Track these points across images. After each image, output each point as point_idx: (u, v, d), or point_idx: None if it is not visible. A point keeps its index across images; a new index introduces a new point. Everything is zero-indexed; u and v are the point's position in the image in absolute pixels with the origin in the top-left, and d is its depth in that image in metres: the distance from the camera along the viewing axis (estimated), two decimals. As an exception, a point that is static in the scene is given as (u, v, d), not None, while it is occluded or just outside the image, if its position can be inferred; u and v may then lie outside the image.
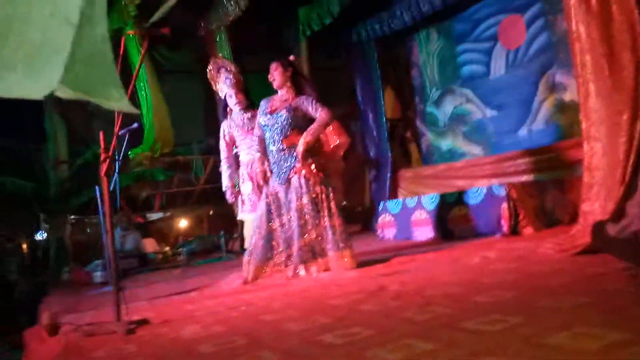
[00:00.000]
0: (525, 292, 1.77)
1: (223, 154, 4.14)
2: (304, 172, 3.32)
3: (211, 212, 8.14)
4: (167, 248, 6.90)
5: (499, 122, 6.17)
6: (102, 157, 2.39)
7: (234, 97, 4.14)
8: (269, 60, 3.64)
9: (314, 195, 3.31)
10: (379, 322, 1.72)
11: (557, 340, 1.18)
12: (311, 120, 3.40)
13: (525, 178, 5.13)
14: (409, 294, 2.14)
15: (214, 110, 7.46)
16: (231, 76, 4.19)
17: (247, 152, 4.05)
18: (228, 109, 4.23)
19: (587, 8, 2.50)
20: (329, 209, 3.32)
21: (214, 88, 4.35)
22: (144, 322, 2.37)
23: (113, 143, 2.55)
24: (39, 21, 1.47)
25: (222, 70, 4.25)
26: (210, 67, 4.34)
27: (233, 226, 7.10)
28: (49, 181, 7.15)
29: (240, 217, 4.18)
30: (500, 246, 3.29)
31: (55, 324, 2.45)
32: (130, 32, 6.25)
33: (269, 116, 3.48)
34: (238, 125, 4.13)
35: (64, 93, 1.59)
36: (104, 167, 2.46)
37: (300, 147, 3.30)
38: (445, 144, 6.99)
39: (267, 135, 3.49)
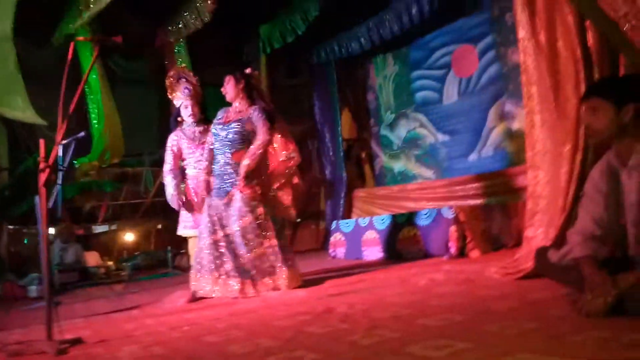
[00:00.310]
0: (472, 316, 1.78)
1: (168, 165, 3.98)
2: (246, 192, 3.31)
3: (159, 227, 7.91)
4: (111, 262, 6.62)
5: (450, 147, 6.33)
6: (42, 166, 2.26)
7: (189, 108, 4.04)
8: (229, 74, 3.63)
9: (257, 215, 3.31)
10: (325, 345, 1.68)
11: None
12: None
13: (473, 202, 5.26)
14: (356, 315, 2.11)
15: (168, 122, 7.29)
16: (190, 87, 4.10)
17: (195, 167, 3.95)
18: (179, 119, 4.14)
19: (536, 43, 2.60)
20: (272, 229, 3.33)
21: (169, 96, 4.24)
22: (77, 341, 2.22)
23: (54, 151, 2.42)
24: None
25: (182, 80, 4.14)
26: (171, 74, 4.24)
27: (181, 242, 6.91)
28: (-14, 188, 6.74)
29: (181, 232, 4.04)
30: (448, 268, 3.34)
31: (-21, 342, 2.27)
32: (81, 38, 6.05)
33: (221, 126, 3.49)
34: (188, 138, 4.03)
35: None
36: (42, 177, 2.33)
37: (241, 171, 3.31)
38: (398, 166, 7.10)
39: (217, 145, 3.48)
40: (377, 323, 1.89)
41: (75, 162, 6.73)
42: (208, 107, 7.91)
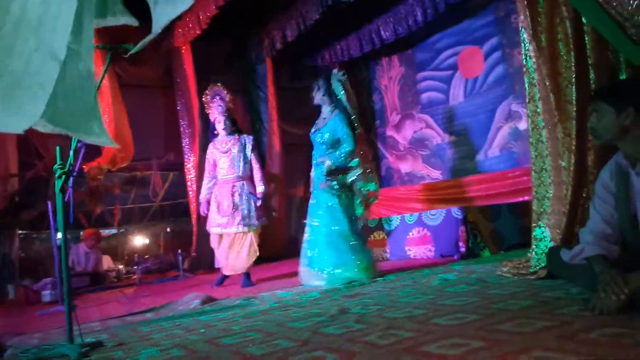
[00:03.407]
0: (485, 315, 1.81)
1: (207, 172, 4.63)
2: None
3: (168, 230, 7.96)
4: (121, 266, 6.68)
5: (457, 147, 6.36)
6: (59, 173, 2.31)
7: (222, 122, 4.58)
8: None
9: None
10: (342, 346, 1.71)
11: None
12: None
13: (481, 202, 5.29)
14: (371, 316, 2.15)
15: (176, 126, 7.36)
16: (223, 104, 4.63)
17: (221, 174, 4.55)
18: (215, 132, 4.67)
19: (537, 45, 2.63)
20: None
21: (207, 111, 4.77)
22: (98, 344, 2.27)
23: (69, 157, 2.47)
24: (22, 53, 1.43)
25: (217, 97, 4.69)
26: (207, 92, 4.77)
27: (190, 244, 6.96)
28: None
29: (211, 230, 4.53)
30: (459, 268, 3.36)
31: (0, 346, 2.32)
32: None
33: (313, 133, 3.89)
34: (219, 148, 4.58)
35: (45, 128, 1.56)
36: (60, 183, 2.37)
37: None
38: (405, 167, 7.13)
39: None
40: (392, 323, 1.92)
41: (84, 166, 6.79)
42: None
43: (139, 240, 7.79)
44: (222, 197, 4.42)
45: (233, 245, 4.38)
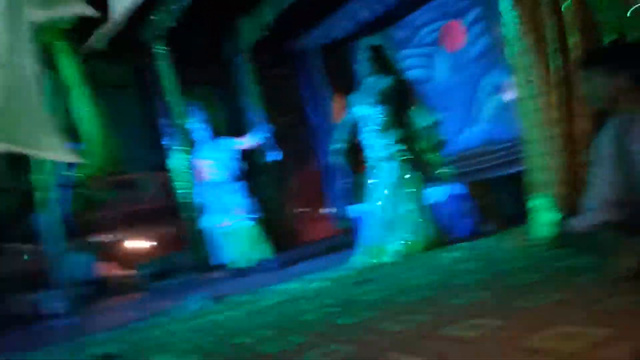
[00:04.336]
0: (500, 291, 1.80)
1: (198, 173, 4.97)
2: None
3: (166, 231, 7.88)
4: (125, 272, 6.61)
5: (445, 123, 6.32)
6: (55, 185, 2.25)
7: (207, 127, 4.96)
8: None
9: None
10: (358, 336, 1.70)
11: (545, 344, 1.18)
12: None
13: (478, 177, 5.28)
14: (383, 302, 2.13)
15: (156, 125, 7.23)
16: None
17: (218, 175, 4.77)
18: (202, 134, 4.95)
19: (523, 11, 2.59)
20: None
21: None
22: (108, 357, 2.23)
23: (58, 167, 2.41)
24: None
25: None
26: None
27: (189, 244, 6.90)
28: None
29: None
30: (465, 245, 3.36)
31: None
32: (60, 42, 5.88)
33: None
34: (212, 151, 4.89)
35: None
36: (47, 195, 2.31)
37: None
38: (395, 147, 7.10)
39: None
40: (406, 308, 1.91)
41: (73, 174, 6.67)
42: (193, 104, 7.86)
43: (139, 244, 7.70)
44: (223, 196, 4.53)
45: (242, 239, 4.62)
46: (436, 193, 4.52)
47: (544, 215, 2.56)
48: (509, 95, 5.46)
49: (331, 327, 1.92)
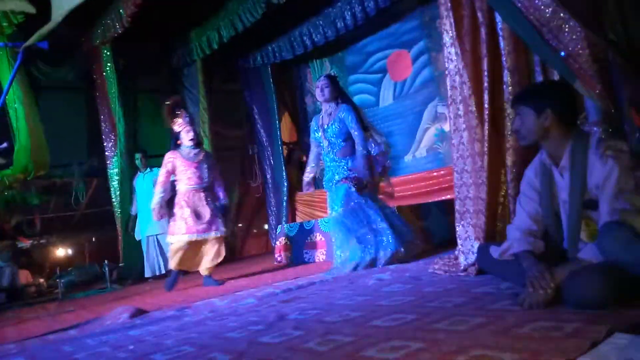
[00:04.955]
0: (422, 314, 1.83)
1: (160, 177, 4.58)
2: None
3: (93, 239, 7.54)
4: (42, 280, 6.23)
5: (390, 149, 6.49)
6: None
7: (191, 133, 4.63)
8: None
9: None
10: (281, 355, 1.67)
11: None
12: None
13: (410, 201, 5.43)
14: (309, 321, 2.11)
15: (98, 130, 6.98)
16: (188, 115, 4.71)
17: (186, 183, 4.54)
18: (178, 142, 4.67)
19: (459, 49, 2.70)
20: None
21: (168, 124, 4.70)
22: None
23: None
24: None
25: (182, 109, 4.73)
26: (169, 102, 4.73)
27: (117, 254, 6.64)
28: None
29: (170, 238, 4.51)
30: (393, 267, 3.41)
31: None
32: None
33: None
34: (184, 157, 4.59)
35: None
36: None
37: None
38: (339, 168, 7.17)
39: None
40: (331, 328, 1.90)
41: (-2, 175, 6.29)
42: (140, 113, 7.65)
43: (62, 251, 7.31)
44: (197, 205, 4.50)
45: (203, 249, 4.51)
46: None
47: (468, 243, 2.66)
48: (447, 126, 5.67)
49: (255, 346, 1.87)
